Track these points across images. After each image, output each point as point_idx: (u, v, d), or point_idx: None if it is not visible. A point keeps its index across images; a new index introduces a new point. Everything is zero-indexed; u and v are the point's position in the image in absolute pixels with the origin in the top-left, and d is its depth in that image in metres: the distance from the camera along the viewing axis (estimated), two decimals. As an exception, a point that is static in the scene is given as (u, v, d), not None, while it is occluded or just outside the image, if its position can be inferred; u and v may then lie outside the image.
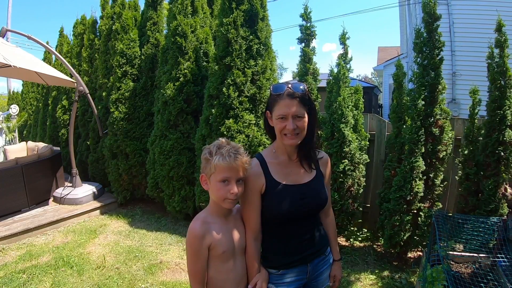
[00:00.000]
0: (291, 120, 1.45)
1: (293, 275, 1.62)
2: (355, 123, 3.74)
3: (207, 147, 1.49)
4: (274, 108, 1.50)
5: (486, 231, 2.89)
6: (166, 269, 3.50)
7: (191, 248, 1.46)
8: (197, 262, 1.46)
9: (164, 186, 4.53)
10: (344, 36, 3.76)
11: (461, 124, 3.80)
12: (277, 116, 1.48)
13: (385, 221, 3.48)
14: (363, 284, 3.28)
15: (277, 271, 1.62)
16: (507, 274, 2.47)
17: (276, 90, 1.50)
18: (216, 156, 1.41)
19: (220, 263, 1.51)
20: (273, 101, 1.51)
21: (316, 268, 1.69)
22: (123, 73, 5.01)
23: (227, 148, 1.43)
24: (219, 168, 1.41)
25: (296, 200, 1.55)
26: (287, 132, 1.47)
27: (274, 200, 1.54)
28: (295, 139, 1.49)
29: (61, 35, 7.97)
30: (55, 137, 7.08)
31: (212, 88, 3.94)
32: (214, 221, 1.51)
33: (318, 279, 1.72)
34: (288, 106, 1.45)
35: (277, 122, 1.49)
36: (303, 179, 1.60)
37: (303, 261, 1.63)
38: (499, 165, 3.22)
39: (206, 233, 1.46)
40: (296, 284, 1.64)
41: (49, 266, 3.49)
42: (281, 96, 1.47)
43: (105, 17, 5.63)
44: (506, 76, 3.18)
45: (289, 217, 1.56)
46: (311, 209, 1.61)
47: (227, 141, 1.50)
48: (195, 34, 4.53)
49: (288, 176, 1.58)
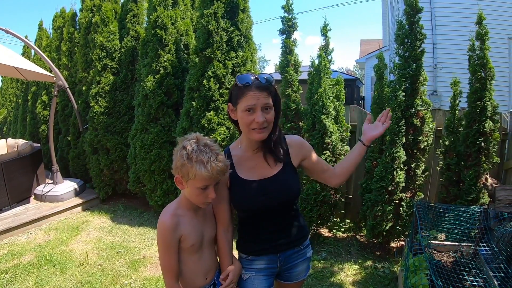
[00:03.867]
0: (260, 112, 1.40)
1: (263, 262, 1.62)
2: (336, 115, 3.74)
3: (182, 145, 1.39)
4: (240, 99, 1.43)
5: (467, 220, 2.93)
6: (149, 264, 3.47)
7: (163, 241, 1.44)
8: (169, 255, 1.44)
9: (145, 180, 4.47)
10: (325, 27, 3.76)
11: (442, 115, 3.84)
12: (245, 108, 1.41)
13: (367, 212, 3.50)
14: (346, 274, 3.30)
15: (246, 256, 1.63)
16: (489, 262, 2.51)
17: (243, 81, 1.43)
18: (197, 164, 1.34)
19: (187, 255, 1.50)
20: (239, 93, 1.44)
21: (289, 259, 1.67)
22: (103, 67, 4.91)
23: (208, 155, 1.36)
24: (199, 177, 1.36)
25: (257, 196, 1.52)
26: (255, 126, 1.41)
27: (236, 196, 1.54)
28: (263, 132, 1.44)
29: (40, 29, 7.78)
30: (35, 133, 6.94)
31: (193, 81, 3.89)
32: (184, 213, 1.49)
33: (292, 271, 1.71)
34: (256, 98, 1.40)
35: (243, 115, 1.43)
36: (269, 172, 1.56)
37: (273, 251, 1.62)
38: (480, 155, 3.27)
39: (176, 226, 1.44)
40: (266, 272, 1.63)
41: (31, 265, 3.43)
42: (249, 87, 1.41)
43: (85, 9, 5.49)
44: (487, 68, 3.23)
45: (254, 211, 1.56)
46: (278, 202, 1.57)
47: (203, 140, 1.41)
48: (175, 26, 4.46)
49: (253, 170, 1.55)
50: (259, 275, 1.62)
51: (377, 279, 3.19)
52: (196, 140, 1.40)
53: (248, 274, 1.61)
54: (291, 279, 1.73)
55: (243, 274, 1.62)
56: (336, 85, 3.79)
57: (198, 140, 1.40)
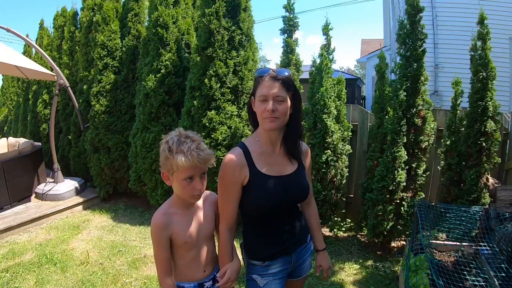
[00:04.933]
0: (271, 101, 1.42)
1: (278, 265, 1.61)
2: (338, 114, 3.74)
3: (165, 140, 1.44)
4: (256, 90, 1.49)
5: (468, 220, 2.92)
6: (150, 263, 3.47)
7: (154, 238, 1.48)
8: (160, 250, 1.48)
9: (146, 179, 4.47)
10: (327, 27, 3.76)
11: (443, 115, 3.84)
12: (258, 98, 1.46)
13: (368, 211, 3.50)
14: (347, 274, 3.30)
15: (262, 262, 1.60)
16: (490, 262, 2.51)
17: (260, 73, 1.50)
18: (178, 155, 1.36)
19: (183, 251, 1.53)
20: (256, 84, 1.50)
21: (299, 256, 1.69)
22: (104, 66, 4.91)
23: (188, 144, 1.38)
24: (182, 168, 1.38)
25: (279, 192, 1.52)
26: (267, 115, 1.44)
27: (258, 192, 1.51)
28: (274, 122, 1.45)
29: (41, 28, 7.78)
30: (36, 132, 6.93)
31: (194, 80, 3.88)
32: (176, 211, 1.51)
33: (302, 267, 1.73)
34: (269, 88, 1.44)
35: (258, 104, 1.47)
36: (286, 170, 1.57)
37: (287, 252, 1.62)
38: (481, 155, 3.27)
39: (167, 225, 1.47)
40: (281, 274, 1.63)
41: (32, 264, 3.42)
42: (264, 78, 1.46)
43: (86, 8, 5.49)
44: (488, 68, 3.23)
45: (272, 209, 1.53)
46: (294, 200, 1.60)
47: (185, 133, 1.44)
48: (176, 25, 4.46)
49: (272, 166, 1.54)
50: (275, 279, 1.62)
51: (378, 279, 3.19)
52: (178, 133, 1.43)
53: (265, 281, 1.60)
54: (300, 275, 1.76)
55: (259, 281, 1.60)
56: (338, 85, 3.79)
57: (180, 133, 1.43)
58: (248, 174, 1.50)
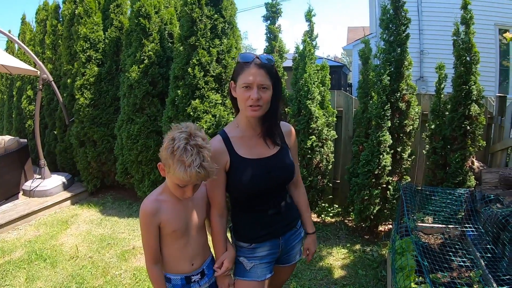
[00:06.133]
0: (256, 89, 1.42)
1: (266, 249, 1.61)
2: (322, 100, 3.74)
3: (172, 136, 1.34)
4: (239, 76, 1.46)
5: (454, 202, 2.95)
6: (139, 255, 3.47)
7: (142, 225, 1.46)
8: (148, 238, 1.46)
9: (133, 171, 4.45)
10: (309, 13, 3.75)
11: (428, 100, 3.86)
12: (242, 85, 1.44)
13: (355, 196, 3.52)
14: (335, 258, 3.33)
15: (248, 244, 1.60)
16: (476, 243, 2.53)
17: (243, 59, 1.46)
18: (178, 164, 1.29)
19: (172, 240, 1.50)
20: (239, 69, 1.47)
21: (288, 242, 1.68)
22: (87, 58, 4.83)
23: (192, 157, 1.29)
24: (177, 177, 1.33)
25: (263, 174, 1.52)
26: (251, 103, 1.43)
27: (240, 176, 1.51)
28: (258, 111, 1.45)
29: (24, 23, 7.59)
30: (22, 129, 6.82)
31: (177, 69, 3.85)
32: (167, 199, 1.48)
33: (290, 253, 1.73)
34: (254, 75, 1.42)
35: (241, 91, 1.45)
36: (269, 151, 1.57)
37: (274, 235, 1.62)
38: (466, 138, 3.30)
39: (156, 212, 1.44)
40: (269, 258, 1.63)
41: (22, 261, 3.40)
42: (248, 64, 1.44)
43: (68, 1, 5.36)
44: (472, 52, 3.26)
45: (257, 192, 1.54)
46: (279, 181, 1.60)
47: (195, 140, 1.33)
48: (159, 15, 4.40)
49: (253, 149, 1.55)
50: (262, 263, 1.61)
51: (366, 262, 3.22)
52: (187, 135, 1.34)
53: (252, 263, 1.60)
54: (289, 261, 1.75)
55: (245, 264, 1.60)
56: (321, 71, 3.78)
57: (190, 136, 1.34)
58: (228, 159, 1.51)
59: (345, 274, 3.08)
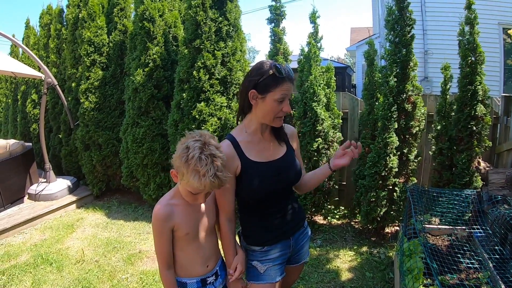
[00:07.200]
0: (287, 102, 1.48)
1: (277, 250, 1.63)
2: (328, 102, 3.73)
3: (186, 145, 1.33)
4: (274, 89, 1.45)
5: (461, 203, 2.93)
6: (145, 258, 3.47)
7: (155, 230, 1.46)
8: (161, 242, 1.46)
9: (139, 174, 4.46)
10: (314, 14, 3.74)
11: (433, 100, 3.85)
12: (278, 98, 1.45)
13: (361, 198, 3.51)
14: (342, 261, 3.31)
15: (261, 248, 1.62)
16: (483, 244, 2.52)
17: (280, 72, 1.45)
18: (192, 174, 1.29)
19: (185, 244, 1.51)
20: (274, 82, 1.45)
21: (298, 241, 1.71)
22: (92, 62, 4.84)
23: (207, 166, 1.28)
24: (191, 186, 1.34)
25: (273, 177, 1.55)
26: (281, 115, 1.50)
27: (251, 180, 1.53)
28: (282, 120, 1.54)
29: (28, 27, 7.64)
30: (26, 132, 6.84)
31: (182, 72, 3.84)
32: (178, 203, 1.48)
33: (300, 253, 1.76)
34: (288, 89, 1.47)
35: (274, 104, 1.46)
36: (276, 154, 1.60)
37: (285, 236, 1.64)
38: (472, 139, 3.28)
39: (169, 216, 1.45)
40: (280, 259, 1.65)
41: (28, 265, 3.40)
42: (285, 79, 1.46)
43: (71, 5, 5.39)
44: (477, 52, 3.25)
45: (267, 194, 1.56)
46: (287, 183, 1.63)
47: (210, 150, 1.32)
48: (163, 18, 4.41)
49: (262, 153, 1.57)
50: (275, 265, 1.63)
51: (373, 264, 3.21)
52: (202, 144, 1.33)
53: (266, 266, 1.62)
54: (299, 261, 1.78)
55: (259, 267, 1.61)
56: (327, 72, 3.78)
57: (204, 145, 1.33)
58: (239, 163, 1.52)
59: (352, 277, 3.07)
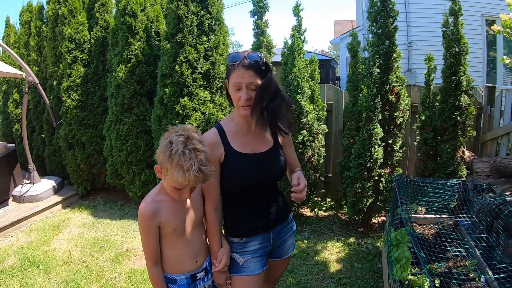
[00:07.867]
0: (245, 90, 1.43)
1: (257, 243, 1.62)
2: (312, 94, 3.74)
3: (169, 140, 1.32)
4: (229, 77, 1.49)
5: (446, 193, 2.96)
6: (133, 257, 3.43)
7: (142, 228, 1.45)
8: (149, 240, 1.46)
9: (123, 172, 4.40)
10: (297, 7, 3.74)
11: (417, 91, 3.89)
12: (232, 86, 1.47)
13: (347, 189, 3.53)
14: (330, 252, 3.33)
15: (239, 239, 1.61)
16: (470, 232, 2.56)
17: (231, 60, 1.48)
18: (176, 169, 1.28)
19: (174, 240, 1.49)
20: (228, 71, 1.50)
21: (279, 235, 1.69)
22: (73, 59, 4.74)
23: (191, 161, 1.27)
24: (175, 180, 1.32)
25: (256, 169, 1.55)
26: (242, 103, 1.45)
27: (234, 170, 1.53)
28: (249, 109, 1.46)
29: (8, 25, 7.45)
30: (9, 133, 6.69)
31: (165, 67, 3.78)
32: (164, 199, 1.47)
33: (283, 247, 1.74)
34: (242, 76, 1.43)
35: (233, 92, 1.48)
36: (262, 148, 1.60)
37: (265, 228, 1.63)
38: (456, 129, 3.33)
39: (155, 213, 1.43)
40: (260, 252, 1.63)
41: (15, 268, 3.33)
42: (236, 66, 1.44)
43: (52, 1, 5.25)
44: (461, 43, 3.29)
45: (250, 186, 1.56)
46: (271, 177, 1.62)
47: (193, 144, 1.31)
48: (145, 13, 4.34)
49: (247, 145, 1.57)
50: (254, 257, 1.62)
51: (361, 255, 3.23)
52: (185, 138, 1.31)
53: (244, 258, 1.61)
54: (282, 255, 1.76)
55: (238, 259, 1.61)
56: (311, 65, 3.79)
57: (188, 139, 1.32)
58: (223, 152, 1.53)
59: (340, 268, 3.09)
